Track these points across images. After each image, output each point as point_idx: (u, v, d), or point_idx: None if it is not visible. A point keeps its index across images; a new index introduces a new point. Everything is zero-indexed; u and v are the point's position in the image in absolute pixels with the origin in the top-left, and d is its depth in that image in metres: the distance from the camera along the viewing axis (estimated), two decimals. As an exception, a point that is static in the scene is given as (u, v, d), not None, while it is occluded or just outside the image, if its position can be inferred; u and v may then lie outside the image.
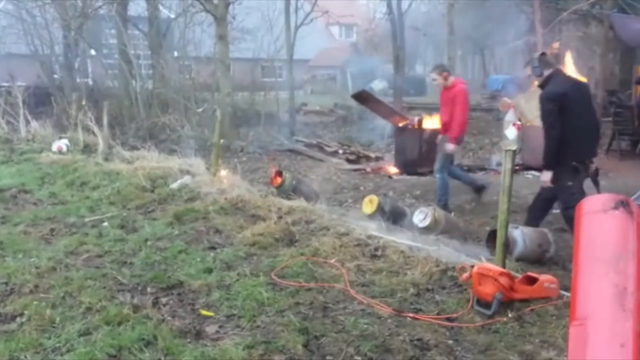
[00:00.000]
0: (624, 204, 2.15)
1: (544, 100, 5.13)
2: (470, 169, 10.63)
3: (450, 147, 7.21)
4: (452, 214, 6.73)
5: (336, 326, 3.54)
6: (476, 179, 8.03)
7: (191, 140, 11.67)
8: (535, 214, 5.57)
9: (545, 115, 5.12)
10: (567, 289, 3.85)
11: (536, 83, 5.43)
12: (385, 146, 13.01)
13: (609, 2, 13.31)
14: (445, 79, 7.23)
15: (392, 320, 3.63)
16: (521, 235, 5.06)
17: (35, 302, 3.82)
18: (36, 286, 4.13)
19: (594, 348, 1.98)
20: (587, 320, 2.03)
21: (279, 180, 7.27)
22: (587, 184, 7.21)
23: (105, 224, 5.98)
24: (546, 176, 5.25)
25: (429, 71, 8.63)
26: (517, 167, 7.59)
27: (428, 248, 4.86)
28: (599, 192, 6.93)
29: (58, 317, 3.61)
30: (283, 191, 7.11)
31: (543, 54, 5.49)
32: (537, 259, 5.04)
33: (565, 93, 5.08)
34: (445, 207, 6.92)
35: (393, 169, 10.07)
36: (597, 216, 2.18)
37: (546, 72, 5.21)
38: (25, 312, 3.70)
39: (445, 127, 7.36)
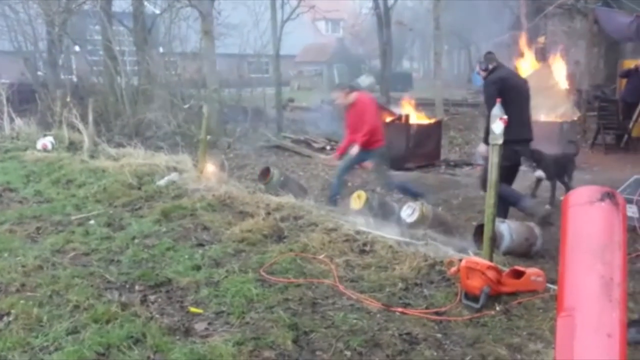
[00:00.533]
0: (610, 196, 2.16)
1: (487, 84, 5.85)
2: (457, 164, 10.71)
3: (354, 149, 7.07)
4: (440, 208, 6.77)
5: (325, 321, 3.54)
6: (337, 196, 7.23)
7: (178, 137, 11.61)
8: (500, 206, 5.62)
9: (487, 98, 5.76)
10: (553, 282, 3.89)
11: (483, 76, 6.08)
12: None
13: (593, -4, 13.42)
14: (347, 95, 7.14)
15: (381, 315, 3.64)
16: (508, 229, 5.10)
17: (22, 301, 3.78)
18: (23, 285, 4.09)
19: (581, 338, 2.00)
20: (574, 311, 2.04)
21: (266, 176, 7.26)
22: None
23: (92, 222, 5.93)
24: (482, 147, 6.14)
25: (414, 66, 8.62)
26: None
27: (416, 243, 4.87)
28: (569, 181, 7.12)
29: (45, 315, 3.58)
30: (271, 187, 7.12)
31: (489, 52, 6.19)
32: (524, 253, 5.09)
33: (505, 78, 5.84)
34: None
35: (381, 165, 10.06)
36: (584, 208, 2.19)
37: (490, 66, 5.96)
38: (12, 311, 3.65)
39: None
